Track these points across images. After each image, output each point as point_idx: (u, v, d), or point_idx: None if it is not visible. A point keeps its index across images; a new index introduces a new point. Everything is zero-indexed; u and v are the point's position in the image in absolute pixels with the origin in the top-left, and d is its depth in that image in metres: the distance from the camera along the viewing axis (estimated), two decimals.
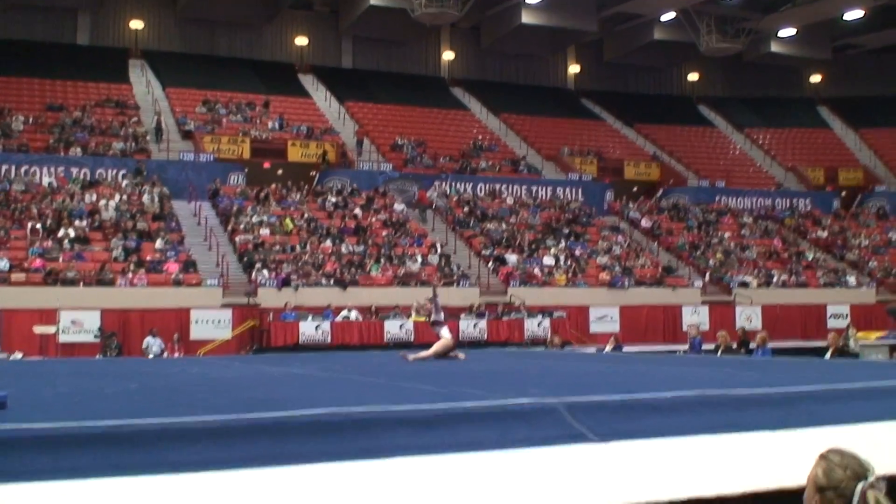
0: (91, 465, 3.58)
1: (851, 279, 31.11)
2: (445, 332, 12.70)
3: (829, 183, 41.35)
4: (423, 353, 12.33)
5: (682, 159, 41.61)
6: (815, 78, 47.62)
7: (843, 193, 40.52)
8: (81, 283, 22.14)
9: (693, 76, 47.51)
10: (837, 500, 2.16)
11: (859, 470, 2.19)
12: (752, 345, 16.88)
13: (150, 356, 19.72)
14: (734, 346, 15.82)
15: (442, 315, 12.97)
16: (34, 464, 3.51)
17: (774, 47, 43.89)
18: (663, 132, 43.28)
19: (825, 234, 35.61)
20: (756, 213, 36.98)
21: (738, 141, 45.10)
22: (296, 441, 4.04)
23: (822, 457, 2.27)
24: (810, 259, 32.74)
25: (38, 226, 24.42)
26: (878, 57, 46.42)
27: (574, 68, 46.47)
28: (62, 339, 20.73)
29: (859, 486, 2.15)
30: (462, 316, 23.76)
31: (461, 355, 12.55)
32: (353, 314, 23.25)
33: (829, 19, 41.80)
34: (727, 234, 33.66)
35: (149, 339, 20.80)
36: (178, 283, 23.00)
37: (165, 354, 20.41)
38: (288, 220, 27.70)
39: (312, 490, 3.30)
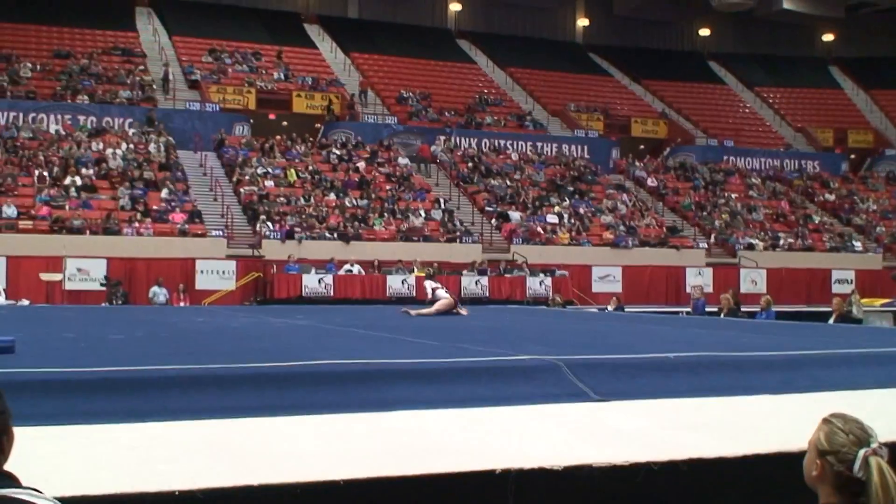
0: (98, 410, 3.61)
1: (858, 244, 30.88)
2: (442, 293, 12.93)
3: (838, 145, 40.94)
4: (426, 310, 12.48)
5: (691, 117, 41.16)
6: (828, 37, 46.96)
7: (853, 156, 40.16)
8: (88, 232, 22.18)
9: (704, 31, 46.79)
10: (839, 465, 2.17)
11: (861, 435, 2.19)
12: (744, 308, 16.91)
13: (156, 305, 19.85)
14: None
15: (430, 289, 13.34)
16: (41, 408, 3.55)
17: (787, 4, 43.10)
18: (672, 89, 42.78)
19: (832, 197, 35.36)
20: (764, 173, 36.65)
21: (747, 99, 44.56)
22: (300, 391, 4.07)
23: (825, 421, 2.27)
24: (817, 222, 32.52)
25: (45, 173, 24.38)
26: (891, 17, 45.55)
27: (582, 21, 45.86)
28: (68, 286, 20.80)
29: (861, 452, 2.15)
30: (464, 272, 23.75)
31: (463, 311, 12.70)
32: (356, 268, 23.28)
33: None
34: (734, 195, 33.43)
35: (155, 289, 20.92)
36: (183, 233, 23.05)
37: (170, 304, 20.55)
38: (292, 172, 27.62)
39: (314, 441, 3.32)
